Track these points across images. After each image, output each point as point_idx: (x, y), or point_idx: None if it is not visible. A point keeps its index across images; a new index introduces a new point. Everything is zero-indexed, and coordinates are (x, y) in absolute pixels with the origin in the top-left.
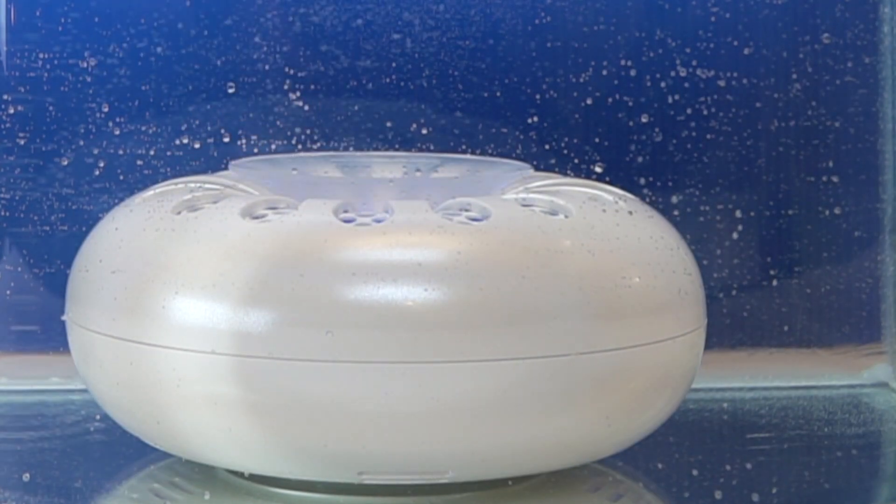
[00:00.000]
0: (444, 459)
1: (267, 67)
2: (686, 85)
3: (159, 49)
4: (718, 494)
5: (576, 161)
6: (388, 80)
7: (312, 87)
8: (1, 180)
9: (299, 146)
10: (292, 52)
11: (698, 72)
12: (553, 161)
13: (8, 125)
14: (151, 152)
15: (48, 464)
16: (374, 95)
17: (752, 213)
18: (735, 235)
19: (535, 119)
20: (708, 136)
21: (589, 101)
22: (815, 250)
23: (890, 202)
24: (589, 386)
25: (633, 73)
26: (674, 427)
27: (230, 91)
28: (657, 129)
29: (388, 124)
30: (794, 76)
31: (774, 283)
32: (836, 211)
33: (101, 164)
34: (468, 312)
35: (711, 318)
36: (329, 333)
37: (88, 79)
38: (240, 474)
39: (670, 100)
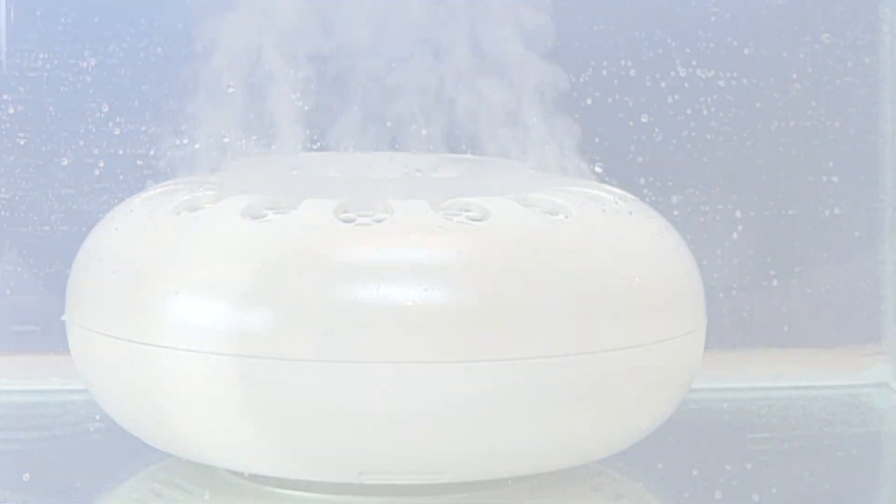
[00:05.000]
0: (444, 459)
1: (267, 67)
2: (686, 85)
3: (159, 49)
4: (718, 494)
5: (576, 161)
6: (388, 80)
7: (312, 87)
8: (1, 180)
9: (299, 146)
10: (292, 52)
11: (698, 72)
12: (553, 161)
13: (8, 125)
14: (151, 152)
15: (48, 464)
16: (374, 95)
17: (752, 213)
18: (735, 235)
19: (536, 119)
20: (708, 136)
21: (589, 101)
22: (815, 250)
23: (890, 202)
24: (589, 386)
25: (632, 73)
26: (674, 427)
27: (230, 91)
28: (657, 129)
29: (388, 124)
30: (794, 76)
31: (774, 283)
32: (836, 211)
33: (101, 164)
34: (468, 312)
35: (711, 318)
36: (329, 333)
37: (88, 79)
38: (240, 474)
39: (670, 100)
